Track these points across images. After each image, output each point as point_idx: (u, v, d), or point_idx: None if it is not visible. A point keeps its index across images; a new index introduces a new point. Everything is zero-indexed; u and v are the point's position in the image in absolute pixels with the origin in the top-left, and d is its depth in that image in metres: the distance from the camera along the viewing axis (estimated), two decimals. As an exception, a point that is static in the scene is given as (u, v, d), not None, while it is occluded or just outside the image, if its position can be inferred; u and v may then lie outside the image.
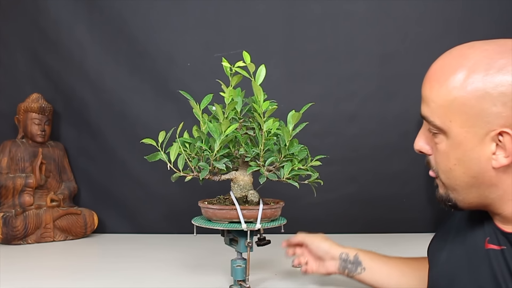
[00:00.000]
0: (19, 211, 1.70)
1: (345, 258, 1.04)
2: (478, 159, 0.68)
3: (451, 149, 0.70)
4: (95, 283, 1.21)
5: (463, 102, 0.67)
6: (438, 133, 0.71)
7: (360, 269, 1.03)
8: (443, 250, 0.82)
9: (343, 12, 1.86)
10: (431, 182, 2.03)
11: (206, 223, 1.08)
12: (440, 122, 0.70)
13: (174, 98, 1.82)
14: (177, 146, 1.03)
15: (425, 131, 0.75)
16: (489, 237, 0.73)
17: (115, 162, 1.90)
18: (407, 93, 1.85)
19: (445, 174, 0.73)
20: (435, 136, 0.72)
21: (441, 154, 0.72)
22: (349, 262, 1.04)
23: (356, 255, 1.03)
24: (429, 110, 0.71)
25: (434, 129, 0.71)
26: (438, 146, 0.72)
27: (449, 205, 0.75)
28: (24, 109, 1.81)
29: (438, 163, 0.74)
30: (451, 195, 0.74)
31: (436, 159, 0.74)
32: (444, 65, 0.71)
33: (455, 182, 0.72)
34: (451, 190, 0.73)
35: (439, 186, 0.76)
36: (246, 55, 1.03)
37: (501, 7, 1.81)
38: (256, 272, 1.24)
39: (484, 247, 0.73)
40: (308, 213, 1.78)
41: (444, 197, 0.75)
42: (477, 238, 0.75)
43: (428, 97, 0.71)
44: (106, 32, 1.88)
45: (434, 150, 0.74)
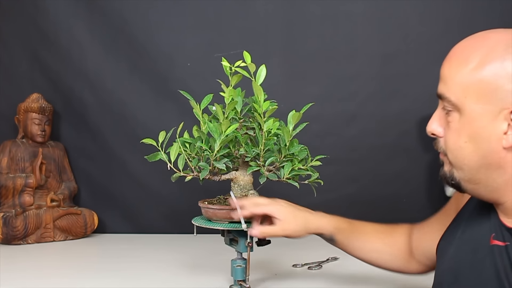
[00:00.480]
0: (19, 211, 1.70)
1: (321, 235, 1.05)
2: (489, 137, 0.68)
3: (463, 126, 0.71)
4: (95, 283, 1.21)
5: (480, 78, 0.68)
6: (452, 111, 0.72)
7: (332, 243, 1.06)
8: (451, 245, 0.82)
9: (343, 12, 1.86)
10: (431, 182, 2.04)
11: (206, 223, 1.08)
12: (455, 98, 0.70)
13: (174, 98, 1.82)
14: (177, 146, 1.03)
15: (438, 113, 0.76)
16: (495, 233, 0.73)
17: (115, 162, 1.90)
18: (407, 93, 1.85)
19: (454, 152, 0.73)
20: (448, 114, 0.73)
21: (452, 132, 0.72)
22: (322, 237, 1.05)
23: (331, 236, 1.04)
24: (445, 87, 0.72)
25: (449, 106, 0.72)
26: (450, 124, 0.72)
27: (452, 183, 0.75)
28: (24, 109, 1.81)
29: (447, 141, 0.74)
30: (456, 173, 0.74)
31: (447, 137, 0.74)
32: (465, 46, 0.72)
33: (463, 161, 0.72)
34: (458, 169, 0.73)
35: (444, 164, 0.76)
36: (247, 55, 1.03)
37: (501, 7, 1.81)
38: (256, 272, 1.24)
39: (489, 243, 0.73)
40: (308, 213, 1.78)
41: (447, 175, 0.75)
42: (483, 234, 0.76)
43: (446, 75, 0.72)
44: (106, 32, 1.88)
45: (446, 131, 0.74)
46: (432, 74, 2.02)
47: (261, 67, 1.04)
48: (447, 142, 0.74)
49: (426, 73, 1.85)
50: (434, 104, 2.03)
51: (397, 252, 1.02)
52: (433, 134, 0.76)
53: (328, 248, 1.53)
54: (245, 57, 1.03)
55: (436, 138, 0.77)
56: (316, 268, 1.32)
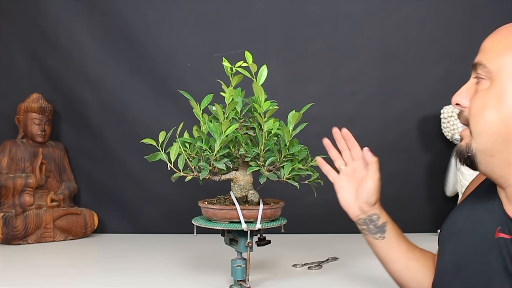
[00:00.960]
0: (19, 211, 1.70)
1: (374, 219, 0.95)
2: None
3: (492, 95, 0.72)
4: (95, 283, 1.21)
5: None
6: (485, 79, 0.74)
7: (379, 236, 0.95)
8: (451, 238, 0.82)
9: (343, 12, 1.86)
10: (431, 182, 2.04)
11: (206, 223, 1.08)
12: (491, 66, 0.73)
13: (174, 98, 1.82)
14: (177, 146, 1.03)
15: (467, 85, 0.78)
16: (500, 226, 0.74)
17: (115, 162, 1.90)
18: (407, 93, 1.85)
19: (476, 117, 0.74)
20: (479, 83, 0.75)
21: (480, 98, 0.74)
22: (374, 224, 0.95)
23: (385, 223, 0.95)
24: (484, 56, 0.74)
25: (483, 74, 0.74)
26: (479, 92, 0.74)
27: (468, 155, 0.75)
28: (24, 109, 1.81)
29: (472, 108, 0.75)
30: (473, 144, 0.74)
31: (472, 104, 0.75)
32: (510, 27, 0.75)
33: (483, 128, 0.73)
34: (477, 137, 0.74)
35: (463, 138, 0.77)
36: (248, 55, 1.04)
37: (501, 7, 1.81)
38: (256, 272, 1.24)
39: (494, 236, 0.74)
40: (308, 213, 1.78)
41: (464, 149, 0.76)
42: (487, 227, 0.76)
43: (487, 46, 0.75)
44: (106, 32, 1.88)
45: (473, 99, 0.75)
46: (432, 74, 2.05)
47: (262, 67, 1.04)
48: (472, 108, 0.75)
49: (426, 73, 1.86)
50: (434, 104, 2.04)
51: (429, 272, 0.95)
52: (458, 104, 0.78)
53: (328, 248, 1.53)
54: (246, 58, 1.03)
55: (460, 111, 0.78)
56: (316, 268, 1.32)
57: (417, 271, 0.95)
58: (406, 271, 0.95)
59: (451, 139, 1.75)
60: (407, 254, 0.95)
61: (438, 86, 1.84)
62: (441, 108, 1.77)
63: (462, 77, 2.04)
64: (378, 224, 0.95)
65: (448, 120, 1.74)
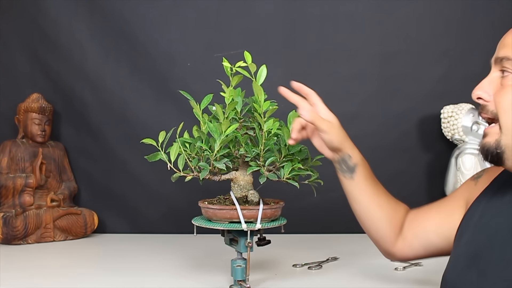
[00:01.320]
0: (19, 211, 1.70)
1: (346, 159, 1.00)
2: None
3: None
4: (95, 283, 1.21)
5: None
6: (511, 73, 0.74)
7: (348, 176, 1.00)
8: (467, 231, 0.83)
9: (343, 12, 1.86)
10: (431, 182, 2.03)
11: (206, 223, 1.08)
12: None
13: (174, 98, 1.82)
14: (177, 146, 1.03)
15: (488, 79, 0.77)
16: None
17: (115, 162, 1.90)
18: (407, 93, 1.85)
19: (505, 114, 0.73)
20: (505, 78, 0.75)
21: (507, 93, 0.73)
22: (345, 164, 1.00)
23: (356, 164, 0.99)
24: (509, 50, 0.74)
25: (510, 68, 0.74)
26: (507, 87, 0.74)
27: (497, 152, 0.75)
28: (24, 109, 1.81)
29: (502, 102, 0.74)
30: (503, 141, 0.74)
31: (499, 99, 0.75)
32: None
33: None
34: (507, 132, 0.73)
35: (489, 134, 0.76)
36: (248, 55, 1.04)
37: (501, 7, 1.81)
38: (256, 272, 1.24)
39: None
40: (308, 213, 1.78)
41: (492, 146, 0.75)
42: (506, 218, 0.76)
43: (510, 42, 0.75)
44: (106, 32, 1.88)
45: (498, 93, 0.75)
46: (432, 74, 2.05)
47: (261, 67, 1.04)
48: (502, 102, 0.74)
49: (426, 73, 1.86)
50: (434, 104, 2.04)
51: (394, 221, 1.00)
52: (480, 98, 0.77)
53: (328, 248, 1.53)
54: (246, 58, 1.03)
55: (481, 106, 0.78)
56: (316, 268, 1.32)
57: (378, 216, 0.99)
58: (367, 214, 1.00)
59: (451, 139, 1.75)
60: (371, 197, 0.99)
61: (438, 86, 1.84)
62: (441, 108, 1.77)
63: (462, 77, 2.06)
64: (349, 164, 0.99)
65: (448, 120, 1.74)
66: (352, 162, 0.99)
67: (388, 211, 1.00)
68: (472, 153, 1.68)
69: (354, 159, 1.00)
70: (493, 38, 0.86)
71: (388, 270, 1.27)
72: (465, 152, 1.69)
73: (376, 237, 1.02)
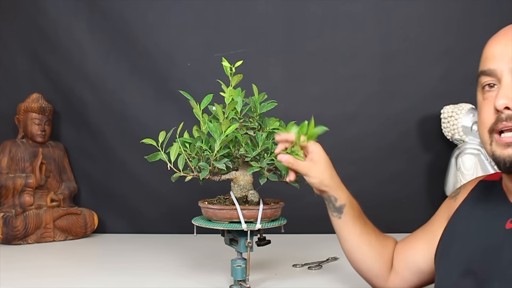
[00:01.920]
0: (19, 211, 1.70)
1: (332, 200, 0.99)
2: None
3: None
4: (95, 283, 1.21)
5: None
6: None
7: (336, 215, 1.00)
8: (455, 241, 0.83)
9: (343, 12, 1.86)
10: (431, 182, 2.03)
11: (206, 223, 1.08)
12: None
13: (174, 98, 1.82)
14: (177, 146, 1.03)
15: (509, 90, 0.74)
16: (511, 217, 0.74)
17: (115, 162, 1.90)
18: (407, 93, 1.85)
19: None
20: None
21: None
22: (332, 204, 0.99)
23: (342, 206, 0.98)
24: None
25: None
26: None
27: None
28: (24, 109, 1.81)
29: None
30: None
31: None
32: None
33: None
34: None
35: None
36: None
37: (501, 7, 1.81)
38: (256, 272, 1.24)
39: (505, 228, 0.74)
40: (308, 213, 1.78)
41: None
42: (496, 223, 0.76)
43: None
44: (106, 32, 1.88)
45: None
46: (432, 74, 2.05)
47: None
48: None
49: (426, 73, 1.86)
50: (434, 104, 2.04)
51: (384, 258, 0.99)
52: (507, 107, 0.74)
53: (328, 248, 1.53)
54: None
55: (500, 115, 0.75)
56: (316, 268, 1.32)
57: (368, 255, 0.99)
58: (356, 252, 1.00)
59: (451, 139, 1.75)
60: (360, 237, 0.99)
61: (438, 86, 1.84)
62: (441, 108, 1.77)
63: (462, 77, 2.06)
64: (336, 205, 0.99)
65: (448, 120, 1.74)
66: (339, 204, 0.99)
67: (377, 249, 1.00)
68: (472, 153, 1.67)
69: (341, 200, 0.98)
70: (493, 38, 0.85)
71: (388, 270, 1.27)
72: (465, 152, 1.69)
73: (368, 275, 1.01)
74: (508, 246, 0.73)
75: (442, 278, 0.85)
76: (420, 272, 0.94)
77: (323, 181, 0.96)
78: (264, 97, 1.09)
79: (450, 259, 0.83)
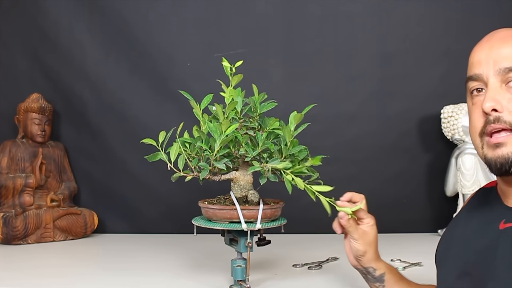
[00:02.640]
0: (19, 211, 1.70)
1: (370, 272, 0.99)
2: None
3: None
4: (95, 283, 1.21)
5: None
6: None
7: (378, 285, 1.00)
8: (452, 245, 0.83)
9: (343, 12, 1.86)
10: (431, 182, 2.03)
11: (206, 223, 1.08)
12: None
13: (174, 98, 1.82)
14: (177, 146, 1.03)
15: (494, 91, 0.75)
16: (505, 218, 0.75)
17: (115, 162, 1.90)
18: (407, 93, 1.85)
19: None
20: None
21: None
22: (371, 275, 1.00)
23: (382, 274, 0.99)
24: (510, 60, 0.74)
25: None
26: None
27: None
28: (24, 109, 1.81)
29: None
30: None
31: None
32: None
33: None
34: None
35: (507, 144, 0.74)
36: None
37: (501, 7, 1.81)
38: (256, 272, 1.24)
39: (499, 228, 0.74)
40: (308, 213, 1.77)
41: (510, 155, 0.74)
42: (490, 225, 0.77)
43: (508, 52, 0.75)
44: (106, 32, 1.88)
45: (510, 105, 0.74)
46: (432, 74, 2.05)
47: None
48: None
49: (426, 73, 1.86)
50: (434, 104, 2.04)
51: None
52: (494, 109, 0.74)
53: (328, 248, 1.53)
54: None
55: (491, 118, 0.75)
56: (316, 268, 1.32)
57: None
58: None
59: (451, 139, 1.75)
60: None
61: (438, 86, 1.84)
62: (441, 108, 1.77)
63: (462, 77, 2.04)
64: (375, 276, 0.98)
65: (448, 120, 1.74)
66: (378, 273, 0.98)
67: None
68: (472, 153, 1.67)
69: (380, 270, 0.98)
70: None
71: (388, 270, 1.27)
72: (465, 152, 1.69)
73: None
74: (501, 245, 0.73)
75: (441, 282, 0.85)
76: None
77: (368, 252, 0.97)
78: (264, 97, 1.09)
79: (448, 262, 0.84)
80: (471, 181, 1.66)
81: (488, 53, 0.77)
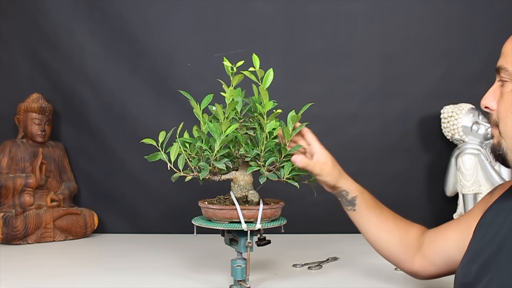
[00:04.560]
0: (19, 211, 1.70)
1: (343, 195, 1.06)
2: None
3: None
4: (95, 283, 1.21)
5: None
6: (508, 82, 0.78)
7: (350, 209, 1.06)
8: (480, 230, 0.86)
9: (343, 12, 1.86)
10: (431, 182, 2.03)
11: (206, 223, 1.08)
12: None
13: (174, 98, 1.82)
14: (177, 146, 1.03)
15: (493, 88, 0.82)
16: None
17: (115, 162, 1.90)
18: (407, 93, 1.85)
19: (504, 120, 0.78)
20: (504, 86, 0.79)
21: (505, 101, 0.78)
22: (344, 198, 1.06)
23: (354, 198, 1.05)
24: (505, 60, 0.79)
25: (506, 77, 0.79)
26: (504, 95, 0.79)
27: (499, 153, 0.80)
28: (24, 109, 1.81)
29: (500, 111, 0.79)
30: (503, 144, 0.79)
31: (499, 107, 0.80)
32: None
33: (509, 129, 0.77)
34: (506, 137, 0.78)
35: (494, 137, 0.81)
36: (256, 59, 1.04)
37: (501, 7, 1.81)
38: (256, 272, 1.24)
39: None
40: (308, 213, 1.78)
41: (496, 147, 0.81)
42: None
43: (507, 50, 0.80)
44: (106, 32, 1.88)
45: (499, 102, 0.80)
46: (432, 74, 2.05)
47: (268, 71, 1.04)
48: (500, 111, 0.79)
49: (426, 73, 1.86)
50: (434, 104, 2.04)
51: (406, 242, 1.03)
52: (486, 107, 0.81)
53: (328, 248, 1.54)
54: (254, 62, 1.03)
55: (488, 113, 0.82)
56: (316, 268, 1.32)
57: (389, 242, 1.04)
58: (377, 241, 1.06)
59: (451, 139, 1.75)
60: (378, 225, 1.05)
61: (438, 86, 1.84)
62: (441, 108, 1.77)
63: (462, 77, 2.06)
64: (348, 199, 1.05)
65: (448, 120, 1.74)
66: (350, 196, 1.05)
67: (398, 235, 1.04)
68: (472, 153, 1.67)
69: (352, 193, 1.05)
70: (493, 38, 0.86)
71: (388, 270, 1.27)
72: (465, 152, 1.69)
73: (393, 260, 1.06)
74: None
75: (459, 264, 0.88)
76: (449, 258, 0.96)
77: (334, 176, 1.03)
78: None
79: (470, 247, 0.86)
80: (471, 181, 1.66)
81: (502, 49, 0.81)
